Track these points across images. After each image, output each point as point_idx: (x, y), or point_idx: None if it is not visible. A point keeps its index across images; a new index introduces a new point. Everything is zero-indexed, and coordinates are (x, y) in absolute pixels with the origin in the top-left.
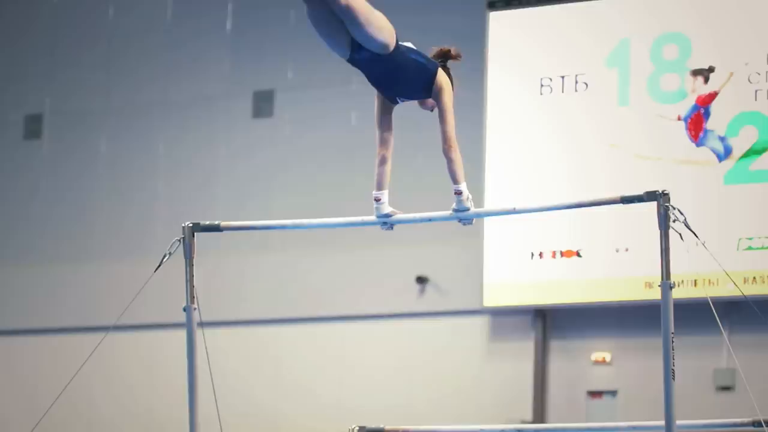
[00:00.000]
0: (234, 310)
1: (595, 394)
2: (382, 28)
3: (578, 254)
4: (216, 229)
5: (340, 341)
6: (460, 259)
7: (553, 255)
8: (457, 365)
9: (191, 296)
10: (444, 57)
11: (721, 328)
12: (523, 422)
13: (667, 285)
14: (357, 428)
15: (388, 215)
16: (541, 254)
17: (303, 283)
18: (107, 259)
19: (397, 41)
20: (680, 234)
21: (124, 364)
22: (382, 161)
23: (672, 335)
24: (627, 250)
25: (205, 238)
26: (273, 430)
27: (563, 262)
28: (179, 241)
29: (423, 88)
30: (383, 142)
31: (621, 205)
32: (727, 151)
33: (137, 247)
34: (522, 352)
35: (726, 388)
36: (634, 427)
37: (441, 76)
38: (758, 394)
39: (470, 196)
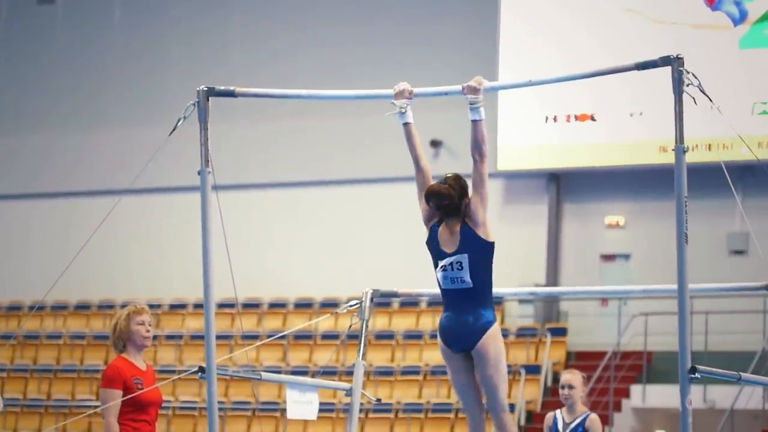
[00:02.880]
0: (249, 174)
1: (608, 257)
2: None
3: (592, 118)
4: (230, 94)
5: (353, 205)
6: None
7: (567, 119)
8: None
9: (206, 160)
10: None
11: (735, 192)
12: (537, 285)
13: (680, 149)
14: (371, 291)
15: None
16: (555, 118)
17: (317, 147)
18: (123, 124)
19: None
20: (694, 98)
21: (140, 226)
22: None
23: (685, 199)
24: (641, 114)
25: (220, 104)
26: (286, 293)
27: (577, 126)
28: (194, 105)
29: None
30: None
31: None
32: (743, 15)
33: (152, 112)
34: (536, 216)
35: (739, 252)
36: (646, 290)
37: (470, 210)
38: None
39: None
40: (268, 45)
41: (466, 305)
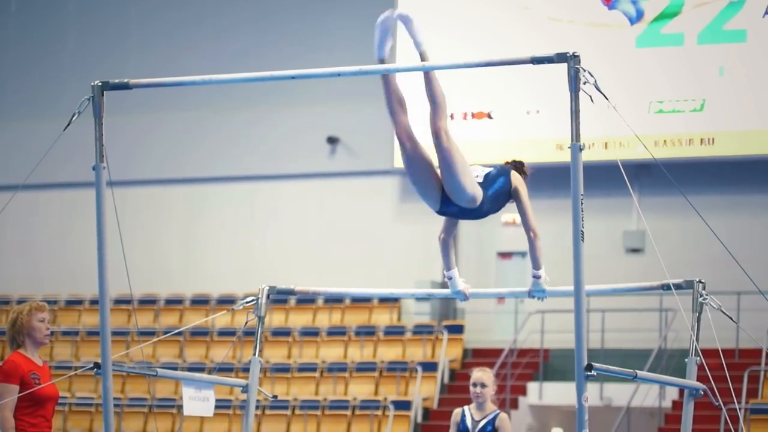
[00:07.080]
0: (145, 170)
1: (505, 255)
2: (473, 185)
3: (489, 116)
4: (125, 87)
5: (250, 201)
6: (372, 119)
7: (465, 116)
8: (368, 226)
9: (101, 155)
10: (515, 165)
11: (631, 190)
12: (433, 282)
13: (576, 147)
14: (267, 288)
15: (460, 292)
16: (452, 115)
17: (213, 143)
18: (17, 118)
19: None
20: (590, 96)
21: (36, 221)
22: (446, 245)
23: (581, 197)
24: (538, 112)
25: (117, 98)
26: (183, 289)
27: (474, 123)
28: (88, 99)
29: (505, 201)
30: (447, 232)
31: (532, 67)
32: (639, 15)
33: (48, 106)
34: (432, 214)
35: (635, 250)
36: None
37: (515, 178)
38: (667, 256)
39: (548, 279)
40: (165, 38)
41: None
